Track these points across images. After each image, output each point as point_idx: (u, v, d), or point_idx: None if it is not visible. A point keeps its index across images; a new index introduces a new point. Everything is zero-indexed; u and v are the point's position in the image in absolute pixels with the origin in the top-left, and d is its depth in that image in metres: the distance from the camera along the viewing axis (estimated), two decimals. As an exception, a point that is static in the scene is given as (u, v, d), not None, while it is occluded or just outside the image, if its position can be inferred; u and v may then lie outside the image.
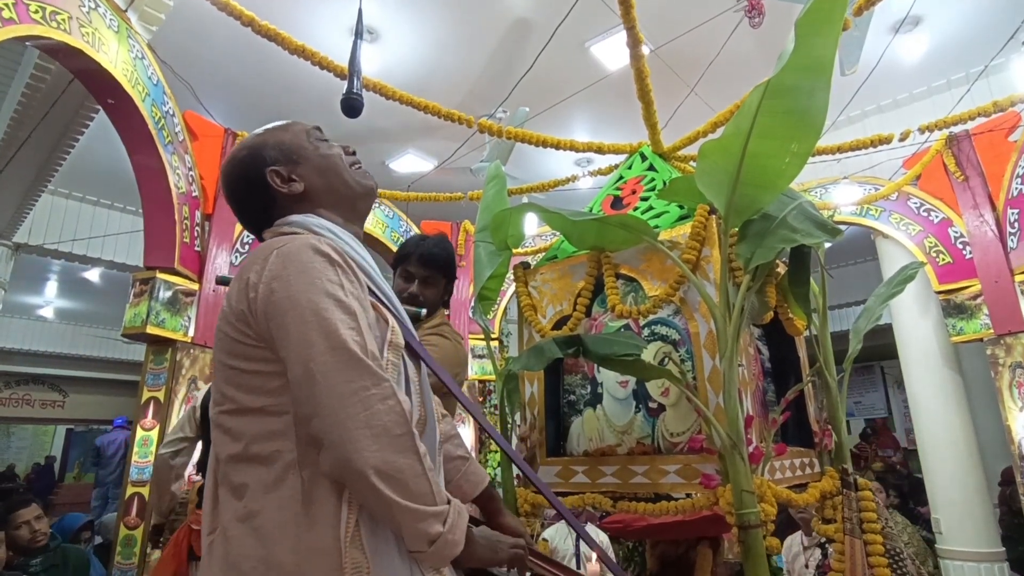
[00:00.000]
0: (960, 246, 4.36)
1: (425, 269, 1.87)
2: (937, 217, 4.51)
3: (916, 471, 5.58)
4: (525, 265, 2.20)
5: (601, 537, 2.97)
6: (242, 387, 0.88)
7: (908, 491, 6.45)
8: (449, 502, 0.84)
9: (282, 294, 0.85)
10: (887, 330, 5.02)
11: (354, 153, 1.12)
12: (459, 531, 0.83)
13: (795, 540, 3.38)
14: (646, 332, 1.87)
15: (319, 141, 1.09)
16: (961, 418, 4.44)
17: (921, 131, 3.74)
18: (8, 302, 6.96)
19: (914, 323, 4.73)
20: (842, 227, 1.79)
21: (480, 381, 5.66)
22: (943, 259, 4.42)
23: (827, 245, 1.99)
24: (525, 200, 4.71)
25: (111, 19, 3.04)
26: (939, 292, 4.42)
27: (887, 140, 3.68)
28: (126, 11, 3.23)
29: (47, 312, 9.68)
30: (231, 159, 1.07)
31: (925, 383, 4.61)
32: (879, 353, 8.18)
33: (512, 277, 2.24)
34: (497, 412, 2.24)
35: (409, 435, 0.81)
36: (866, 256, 7.25)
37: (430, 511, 0.80)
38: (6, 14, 2.37)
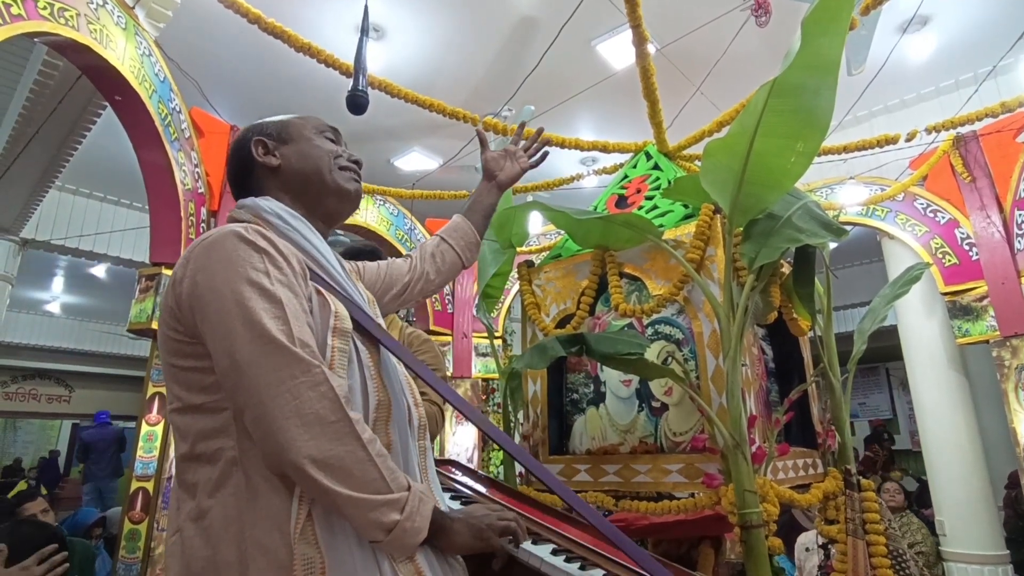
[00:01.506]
0: (967, 247, 4.34)
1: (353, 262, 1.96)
2: (944, 218, 4.49)
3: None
4: (529, 263, 2.21)
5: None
6: (183, 384, 0.87)
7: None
8: (409, 487, 0.81)
9: (205, 286, 0.83)
10: (892, 331, 5.00)
11: (357, 163, 1.12)
12: (421, 518, 0.80)
13: (809, 537, 3.39)
14: (649, 331, 1.87)
15: (322, 137, 1.10)
16: (966, 420, 4.42)
17: (928, 131, 3.72)
18: (15, 297, 7.00)
19: (919, 324, 4.70)
20: (847, 227, 1.78)
21: (483, 379, 5.67)
22: (949, 260, 4.40)
23: (832, 245, 1.98)
24: (529, 199, 4.71)
25: (119, 16, 3.05)
26: (945, 293, 4.40)
27: (894, 140, 3.66)
28: (134, 8, 3.24)
29: (54, 307, 9.73)
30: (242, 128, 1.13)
31: (930, 385, 4.59)
32: (884, 354, 8.15)
33: (516, 275, 2.24)
34: (500, 410, 2.25)
35: (345, 421, 0.78)
36: (871, 257, 7.22)
37: (380, 499, 0.77)
38: (14, 10, 2.38)
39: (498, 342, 2.60)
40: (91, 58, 2.89)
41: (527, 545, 1.02)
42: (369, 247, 1.87)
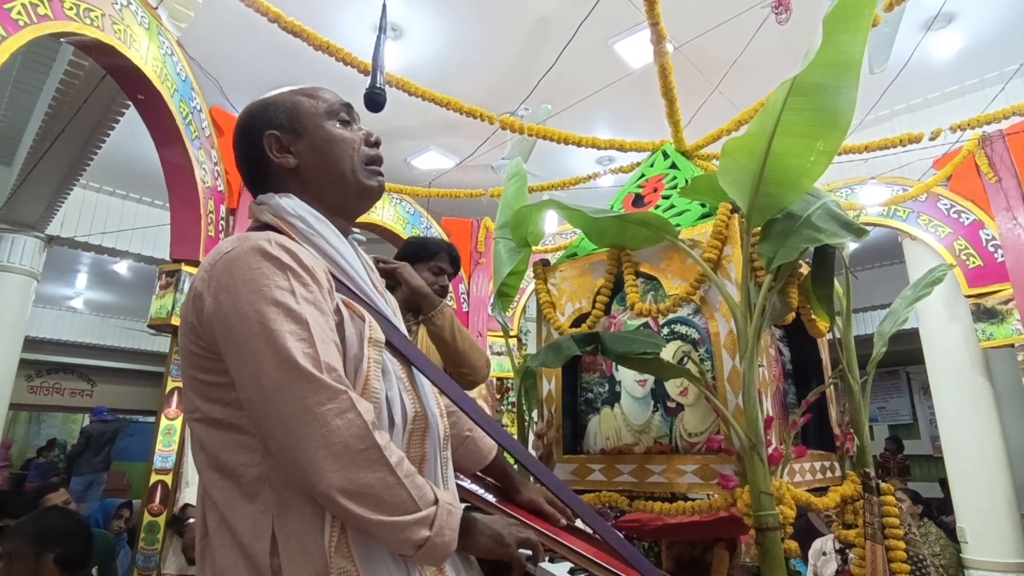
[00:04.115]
0: (991, 249, 4.26)
1: (453, 267, 2.02)
2: (968, 219, 4.40)
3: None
4: (545, 262, 2.21)
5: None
6: (204, 397, 0.85)
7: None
8: (437, 501, 0.80)
9: (228, 306, 0.80)
10: (913, 334, 4.92)
11: (376, 145, 1.03)
12: (450, 531, 0.79)
13: (826, 542, 3.36)
14: (665, 331, 1.86)
15: (338, 121, 1.00)
16: (989, 425, 4.34)
17: (953, 130, 3.65)
18: (40, 293, 7.12)
19: (942, 327, 4.62)
20: (868, 228, 1.76)
21: (498, 378, 5.67)
22: (973, 262, 4.32)
23: (852, 246, 1.95)
24: (546, 197, 4.70)
25: (142, 16, 3.10)
26: (968, 296, 4.32)
27: (917, 139, 3.60)
28: (157, 8, 3.29)
29: (77, 303, 9.91)
30: (247, 108, 1.01)
31: (952, 389, 4.51)
32: (905, 358, 8.01)
33: (531, 274, 2.24)
34: (515, 410, 2.25)
35: (373, 448, 0.76)
36: (893, 259, 7.10)
37: (411, 520, 0.76)
38: (41, 10, 2.43)
39: (513, 341, 2.60)
40: (115, 58, 2.94)
41: (545, 564, 1.01)
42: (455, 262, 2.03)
